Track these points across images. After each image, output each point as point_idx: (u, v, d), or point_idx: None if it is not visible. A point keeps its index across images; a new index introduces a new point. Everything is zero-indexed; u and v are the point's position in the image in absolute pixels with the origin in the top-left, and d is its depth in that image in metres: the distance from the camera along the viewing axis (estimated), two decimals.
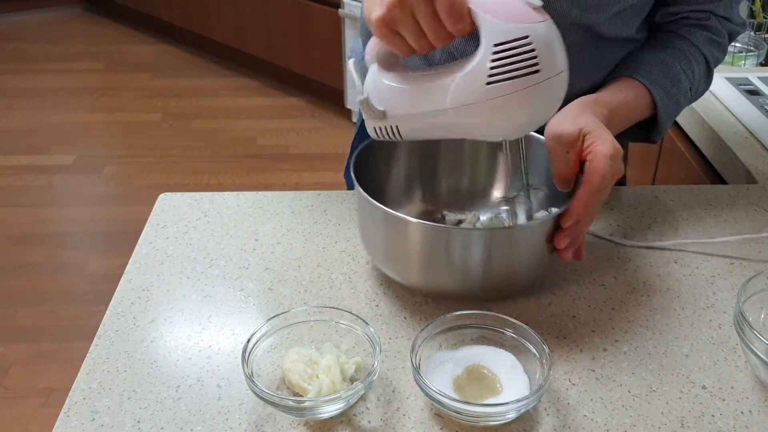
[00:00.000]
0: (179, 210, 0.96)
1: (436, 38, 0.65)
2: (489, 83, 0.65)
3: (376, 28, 0.66)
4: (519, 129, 0.71)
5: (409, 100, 0.70)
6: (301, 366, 0.67)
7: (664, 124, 0.92)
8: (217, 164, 2.95)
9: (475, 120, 0.68)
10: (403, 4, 0.63)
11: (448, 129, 0.70)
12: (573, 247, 0.76)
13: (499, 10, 0.64)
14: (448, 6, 0.63)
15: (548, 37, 0.65)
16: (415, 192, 0.91)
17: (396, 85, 0.71)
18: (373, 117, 0.72)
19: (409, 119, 0.71)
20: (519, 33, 0.64)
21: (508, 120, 0.68)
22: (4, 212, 2.65)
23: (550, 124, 0.80)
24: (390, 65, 0.72)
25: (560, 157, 0.77)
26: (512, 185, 0.80)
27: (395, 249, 0.76)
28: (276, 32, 3.34)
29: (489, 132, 0.71)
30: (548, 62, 0.65)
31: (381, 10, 0.64)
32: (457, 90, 0.67)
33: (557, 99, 0.69)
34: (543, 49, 0.64)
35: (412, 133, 0.72)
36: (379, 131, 0.73)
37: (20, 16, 4.40)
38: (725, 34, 0.95)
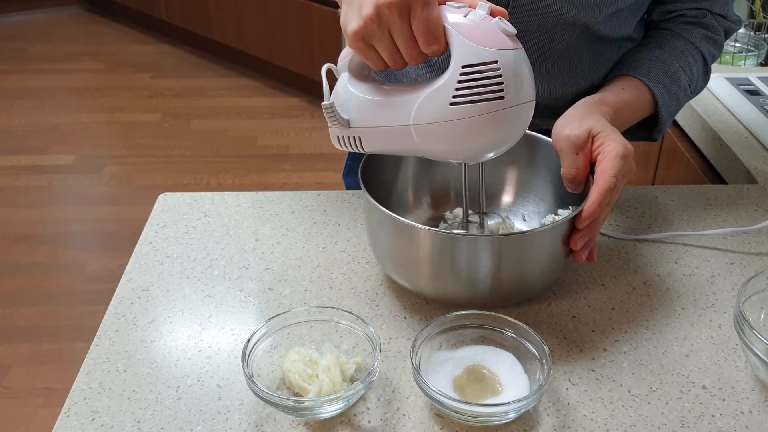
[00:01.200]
0: (179, 210, 0.96)
1: (410, 57, 0.65)
2: (453, 103, 0.65)
3: (352, 41, 0.66)
4: (478, 154, 0.71)
5: (374, 112, 0.70)
6: (301, 366, 0.67)
7: (665, 122, 0.93)
8: (217, 164, 2.95)
9: (436, 140, 0.68)
10: (381, 19, 0.63)
11: (410, 146, 0.70)
12: (588, 248, 0.76)
13: (472, 33, 0.64)
14: (425, 26, 0.63)
15: (517, 65, 0.66)
16: (423, 197, 0.91)
17: (363, 96, 0.71)
18: (337, 125, 0.72)
19: (372, 132, 0.71)
20: (488, 57, 0.64)
21: (468, 143, 0.68)
22: (4, 212, 2.65)
23: (556, 125, 0.79)
24: (361, 76, 0.72)
25: (570, 159, 0.77)
26: (468, 208, 0.80)
27: (404, 256, 0.75)
28: (276, 32, 3.34)
29: (448, 154, 0.71)
30: (514, 90, 0.65)
31: (357, 23, 0.64)
32: (421, 107, 0.67)
33: (520, 128, 0.69)
34: (510, 76, 0.65)
35: (374, 146, 0.72)
36: (341, 140, 0.74)
37: (20, 16, 4.40)
38: (721, 31, 0.95)
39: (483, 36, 0.64)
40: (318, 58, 3.21)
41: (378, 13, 0.62)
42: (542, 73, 0.92)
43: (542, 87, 0.93)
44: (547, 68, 0.92)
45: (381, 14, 0.62)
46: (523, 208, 0.89)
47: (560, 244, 0.74)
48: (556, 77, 0.93)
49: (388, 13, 0.62)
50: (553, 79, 0.93)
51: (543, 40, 0.90)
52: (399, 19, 0.62)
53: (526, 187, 0.89)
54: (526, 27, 0.89)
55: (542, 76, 0.93)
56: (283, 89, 3.53)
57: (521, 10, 0.87)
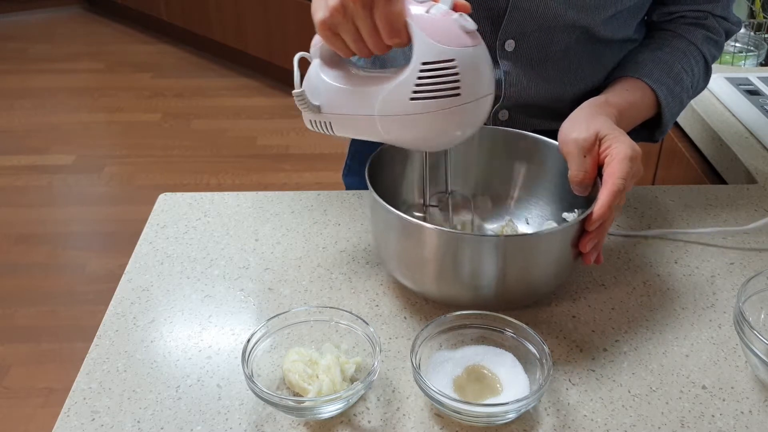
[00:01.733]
0: (179, 210, 0.96)
1: (374, 47, 0.67)
2: (412, 98, 0.68)
3: (319, 29, 0.68)
4: (438, 144, 0.74)
5: (343, 100, 0.73)
6: (301, 366, 0.67)
7: (668, 122, 0.93)
8: (217, 164, 2.95)
9: (398, 131, 0.71)
10: (345, 10, 0.65)
11: (376, 134, 0.73)
12: (596, 251, 0.76)
13: (432, 29, 0.66)
14: (386, 20, 0.65)
15: (475, 62, 0.68)
16: (426, 187, 0.91)
17: (333, 83, 0.73)
18: (308, 110, 0.75)
19: (341, 118, 0.74)
20: (445, 55, 0.66)
21: (428, 135, 0.71)
22: (4, 212, 2.65)
23: (562, 129, 0.79)
24: (332, 62, 0.74)
25: (577, 162, 0.76)
26: (434, 192, 0.82)
27: (410, 256, 0.75)
28: (276, 32, 3.34)
29: (410, 144, 0.74)
30: (470, 87, 0.68)
31: (324, 13, 0.66)
32: (384, 99, 0.70)
33: (480, 120, 0.71)
34: (467, 74, 0.67)
35: (344, 131, 0.76)
36: (313, 123, 0.77)
37: (20, 16, 4.40)
38: (722, 32, 0.96)
39: (442, 33, 0.66)
40: None
41: (343, 4, 0.64)
42: (542, 75, 0.92)
43: (542, 88, 0.93)
44: (547, 70, 0.92)
45: (346, 6, 0.64)
46: (526, 212, 0.89)
47: (569, 246, 0.73)
48: (556, 79, 0.93)
49: (353, 5, 0.64)
50: (553, 81, 0.93)
51: (543, 42, 0.90)
52: (362, 11, 0.64)
53: (530, 190, 0.88)
54: (526, 28, 0.88)
55: (542, 78, 0.93)
56: (283, 89, 3.52)
57: (521, 11, 0.87)
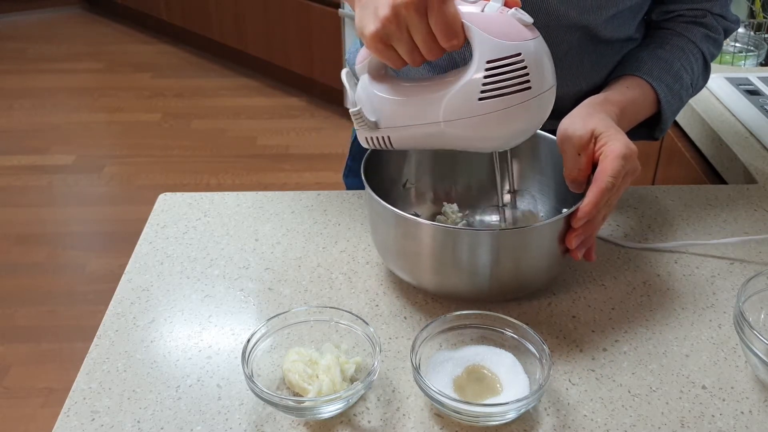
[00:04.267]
0: (179, 210, 0.96)
1: (429, 53, 0.65)
2: (481, 99, 0.66)
3: (370, 43, 0.66)
4: (510, 142, 0.72)
5: (402, 112, 0.71)
6: (301, 366, 0.67)
7: (668, 120, 0.93)
8: (217, 164, 2.95)
9: (468, 133, 0.69)
10: (399, 19, 0.63)
11: (441, 140, 0.71)
12: (585, 247, 0.76)
13: (491, 27, 0.65)
14: (443, 22, 0.63)
15: (539, 54, 0.67)
16: (425, 192, 0.91)
17: (388, 96, 0.71)
18: (365, 128, 0.73)
19: (401, 131, 0.72)
20: (511, 50, 0.65)
21: (500, 133, 0.69)
22: (4, 212, 2.64)
23: (561, 125, 0.79)
24: (381, 75, 0.73)
25: (572, 158, 0.77)
26: (500, 191, 0.81)
27: (407, 251, 0.76)
28: (276, 32, 3.34)
29: (481, 144, 0.72)
30: (539, 79, 0.67)
31: (375, 25, 0.64)
32: (449, 104, 0.68)
33: (547, 112, 0.70)
34: (534, 66, 0.66)
35: (404, 142, 0.73)
36: (370, 140, 0.74)
37: (20, 16, 4.40)
38: (721, 30, 0.96)
39: (502, 29, 0.65)
40: (318, 58, 3.21)
41: (395, 13, 0.62)
42: None
43: None
44: None
45: (398, 14, 0.62)
46: (531, 206, 0.89)
47: (556, 241, 0.74)
48: (558, 78, 0.93)
49: (406, 12, 0.62)
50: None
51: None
52: (417, 17, 0.62)
53: (528, 184, 0.89)
54: None
55: None
56: (283, 89, 3.52)
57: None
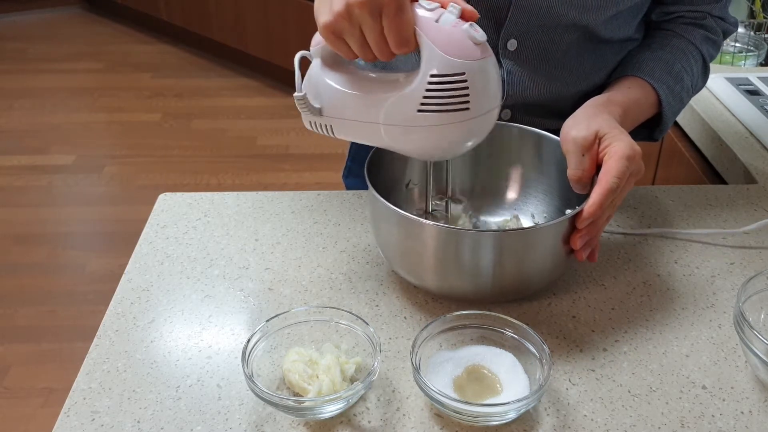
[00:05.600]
0: (179, 210, 0.96)
1: (380, 54, 0.66)
2: (420, 110, 0.67)
3: (322, 32, 0.66)
4: (443, 155, 0.74)
5: (345, 104, 0.71)
6: (301, 366, 0.67)
7: (668, 121, 0.93)
8: (217, 164, 2.95)
9: (403, 140, 0.70)
10: (351, 16, 0.63)
11: (379, 140, 0.72)
12: (589, 247, 0.76)
13: (442, 41, 0.64)
14: (395, 28, 0.63)
15: (484, 76, 0.67)
16: (428, 193, 0.91)
17: (336, 86, 0.71)
18: (309, 112, 0.73)
19: (343, 123, 0.72)
20: (456, 69, 0.65)
21: (434, 146, 0.70)
22: (4, 212, 2.64)
23: (564, 126, 0.79)
24: (334, 62, 0.72)
25: (575, 159, 0.77)
26: (435, 197, 0.82)
27: (410, 252, 0.76)
28: (276, 32, 3.34)
29: (414, 152, 0.73)
30: (479, 101, 0.67)
31: (328, 17, 0.64)
32: (390, 108, 0.68)
33: (485, 132, 0.71)
34: (476, 88, 0.66)
35: (345, 134, 0.74)
36: (313, 124, 0.75)
37: (20, 16, 4.39)
38: (720, 32, 0.97)
39: (452, 45, 0.65)
40: None
41: (348, 10, 0.62)
42: (544, 74, 0.92)
43: (544, 88, 0.93)
44: (549, 69, 0.92)
45: (351, 12, 0.63)
46: (532, 207, 0.89)
47: (561, 242, 0.74)
48: (558, 78, 0.93)
49: (359, 12, 0.62)
50: (554, 80, 0.93)
51: (544, 42, 0.90)
52: (370, 18, 0.63)
53: (532, 185, 0.89)
54: (527, 28, 0.89)
55: (544, 77, 0.93)
56: (283, 89, 3.52)
57: (522, 11, 0.87)
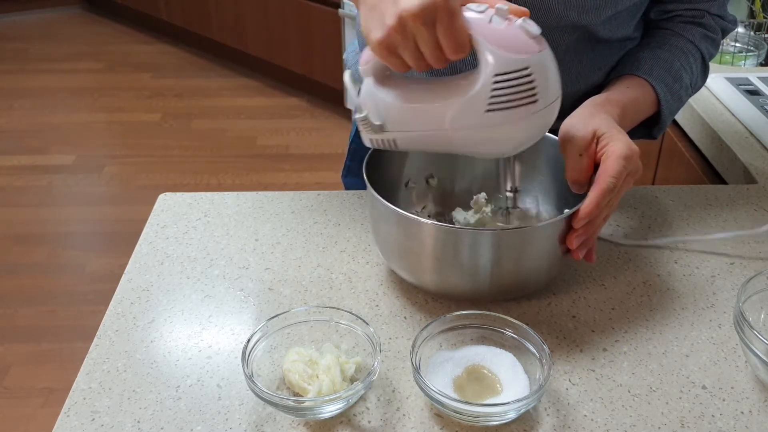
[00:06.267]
0: (179, 210, 0.96)
1: (435, 62, 0.65)
2: (488, 111, 0.66)
3: (375, 48, 0.65)
4: (514, 149, 0.73)
5: (408, 117, 0.71)
6: (301, 366, 0.67)
7: (666, 120, 0.93)
8: (217, 164, 2.95)
9: (474, 141, 0.70)
10: (404, 29, 0.62)
11: (447, 146, 0.71)
12: (586, 247, 0.76)
13: (499, 40, 0.65)
14: (451, 36, 0.63)
15: (546, 67, 0.67)
16: (427, 191, 0.92)
17: (394, 101, 0.71)
18: (371, 131, 0.72)
19: (407, 135, 0.72)
20: (519, 65, 0.65)
21: (506, 143, 0.70)
22: (4, 212, 2.64)
23: (562, 126, 0.79)
24: (385, 77, 0.72)
25: (573, 159, 0.77)
26: (505, 193, 0.81)
27: (409, 251, 0.76)
28: (276, 32, 3.34)
29: (486, 151, 0.73)
30: (545, 92, 0.67)
31: (381, 33, 0.63)
32: (456, 113, 0.68)
33: (551, 121, 0.71)
34: (541, 80, 0.66)
35: (410, 146, 0.73)
36: (375, 142, 0.74)
37: (20, 16, 4.40)
38: (719, 30, 0.97)
39: (510, 42, 0.65)
40: (318, 58, 3.21)
41: (402, 23, 0.62)
42: None
43: None
44: None
45: (405, 24, 0.62)
46: (530, 206, 0.90)
47: (557, 241, 0.74)
48: None
49: (413, 24, 0.62)
50: None
51: None
52: (425, 29, 0.62)
53: (530, 184, 0.89)
54: None
55: None
56: (283, 89, 3.52)
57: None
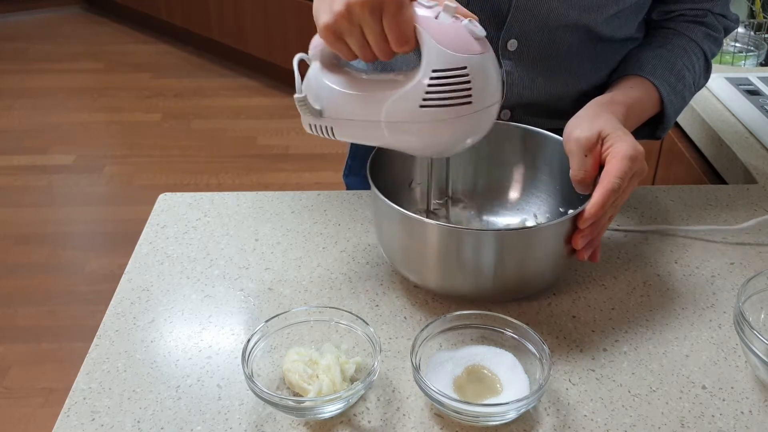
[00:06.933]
0: (179, 210, 0.96)
1: (380, 53, 0.66)
2: (422, 106, 0.67)
3: (322, 33, 0.66)
4: (445, 150, 0.74)
5: (346, 105, 0.71)
6: (301, 366, 0.67)
7: (670, 119, 0.93)
8: (217, 164, 2.95)
9: (406, 137, 0.70)
10: (351, 16, 0.63)
11: (381, 139, 0.72)
12: (591, 247, 0.76)
13: (442, 36, 0.65)
14: (396, 26, 0.63)
15: (485, 70, 0.67)
16: (430, 192, 0.91)
17: (336, 87, 0.71)
18: (309, 114, 0.73)
19: (343, 123, 0.72)
20: (457, 63, 0.65)
21: (436, 142, 0.70)
22: (4, 212, 2.64)
23: (567, 127, 0.79)
24: (333, 65, 0.73)
25: (578, 160, 0.76)
26: (429, 197, 0.82)
27: (412, 251, 0.76)
28: (276, 32, 3.34)
29: (417, 150, 0.74)
30: (481, 95, 0.67)
31: (328, 18, 0.64)
32: (392, 106, 0.68)
33: (486, 128, 0.71)
34: (478, 82, 0.66)
35: (345, 135, 0.74)
36: (312, 127, 0.74)
37: (20, 16, 4.39)
38: (721, 29, 0.97)
39: (453, 40, 0.65)
40: None
41: (349, 10, 0.62)
42: (544, 74, 0.92)
43: (544, 88, 0.93)
44: (549, 69, 0.92)
45: (352, 11, 0.63)
46: (534, 207, 0.89)
47: (562, 241, 0.74)
48: (559, 78, 0.93)
49: (360, 11, 0.62)
50: (555, 80, 0.93)
51: (545, 42, 0.90)
52: (370, 17, 0.63)
53: (535, 185, 0.89)
54: (528, 29, 0.88)
55: (544, 77, 0.93)
56: (283, 89, 3.52)
57: (523, 12, 0.87)
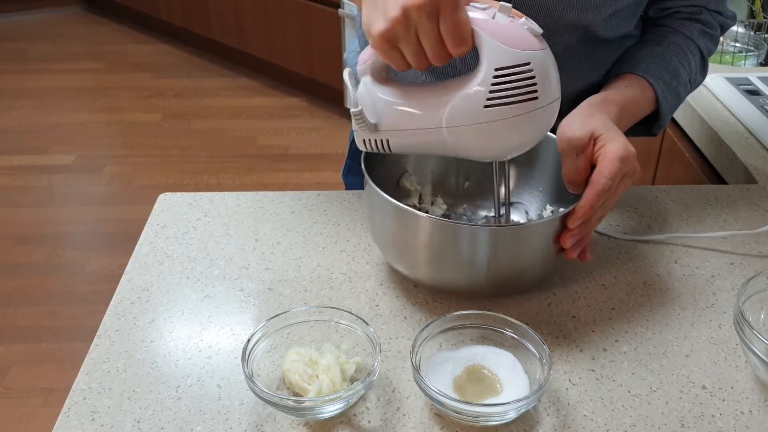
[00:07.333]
0: (179, 210, 0.96)
1: (436, 58, 0.65)
2: (487, 106, 0.66)
3: (376, 42, 0.65)
4: (510, 152, 0.72)
5: (403, 115, 0.70)
6: (301, 366, 0.67)
7: (665, 117, 0.93)
8: (217, 164, 2.95)
9: (469, 140, 0.69)
10: (408, 20, 0.62)
11: (441, 147, 0.71)
12: (579, 247, 0.76)
13: (502, 35, 0.65)
14: (454, 28, 0.62)
15: (547, 65, 0.67)
16: (425, 187, 0.92)
17: (391, 99, 0.71)
18: (365, 129, 0.72)
19: (401, 134, 0.71)
20: (521, 59, 0.65)
21: (501, 142, 0.69)
22: (4, 212, 2.64)
23: (560, 127, 0.80)
24: (383, 78, 0.72)
25: (570, 159, 0.77)
26: (497, 202, 0.81)
27: (404, 243, 0.76)
28: (276, 32, 3.34)
29: (481, 153, 0.72)
30: (546, 90, 0.67)
31: (383, 25, 0.63)
32: (453, 110, 0.67)
33: (549, 125, 0.70)
34: (542, 77, 0.66)
35: (402, 147, 0.73)
36: (368, 143, 0.73)
37: (20, 16, 4.39)
38: (717, 26, 0.97)
39: (513, 37, 0.65)
40: (318, 58, 3.21)
41: (405, 14, 0.61)
42: None
43: None
44: None
45: (408, 16, 0.62)
46: (526, 205, 0.90)
47: (551, 240, 0.74)
48: None
49: (417, 15, 0.61)
50: None
51: None
52: (427, 21, 0.62)
53: (528, 183, 0.89)
54: None
55: None
56: (283, 89, 3.52)
57: (521, 12, 0.87)
